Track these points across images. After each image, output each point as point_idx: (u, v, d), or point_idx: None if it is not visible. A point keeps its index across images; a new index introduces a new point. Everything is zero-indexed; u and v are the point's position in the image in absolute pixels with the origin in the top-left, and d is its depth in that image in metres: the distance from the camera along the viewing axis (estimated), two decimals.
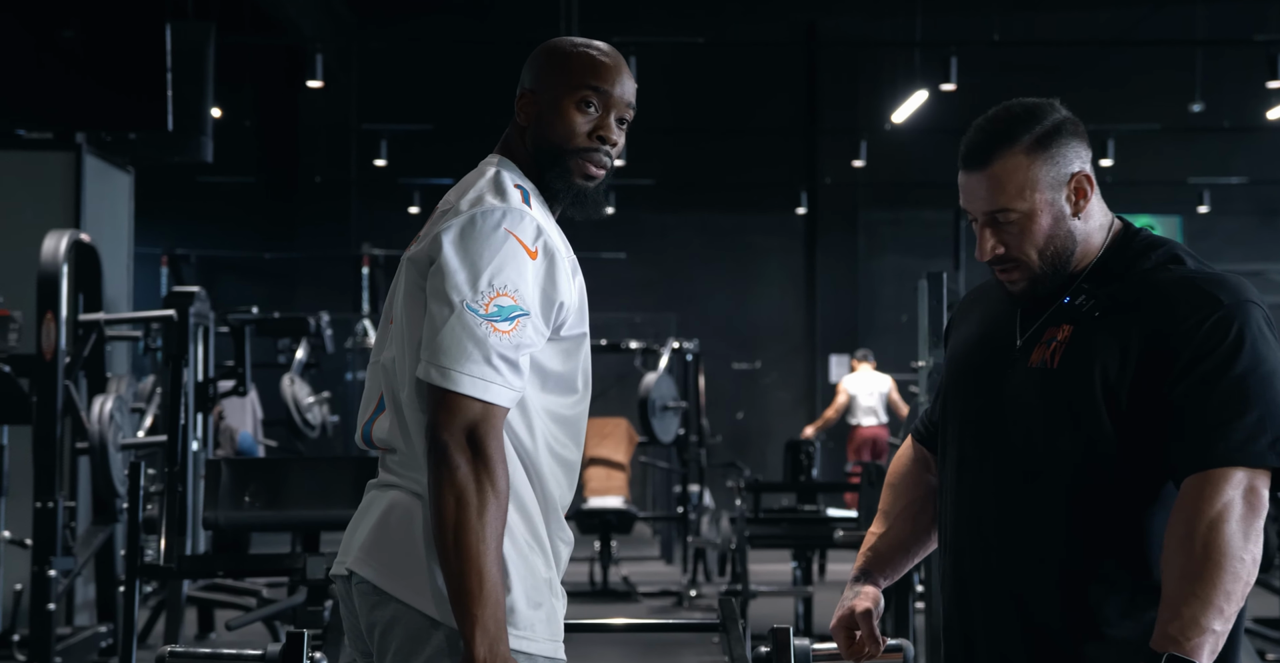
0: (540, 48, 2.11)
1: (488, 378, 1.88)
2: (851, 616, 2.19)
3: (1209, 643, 1.84)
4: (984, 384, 2.06)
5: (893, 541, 2.23)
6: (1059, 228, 2.00)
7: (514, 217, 1.94)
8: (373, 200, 15.42)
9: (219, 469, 4.56)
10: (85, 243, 6.76)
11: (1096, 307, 1.97)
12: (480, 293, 1.89)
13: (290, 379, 9.64)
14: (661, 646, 6.97)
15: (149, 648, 6.88)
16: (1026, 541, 1.99)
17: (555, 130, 2.04)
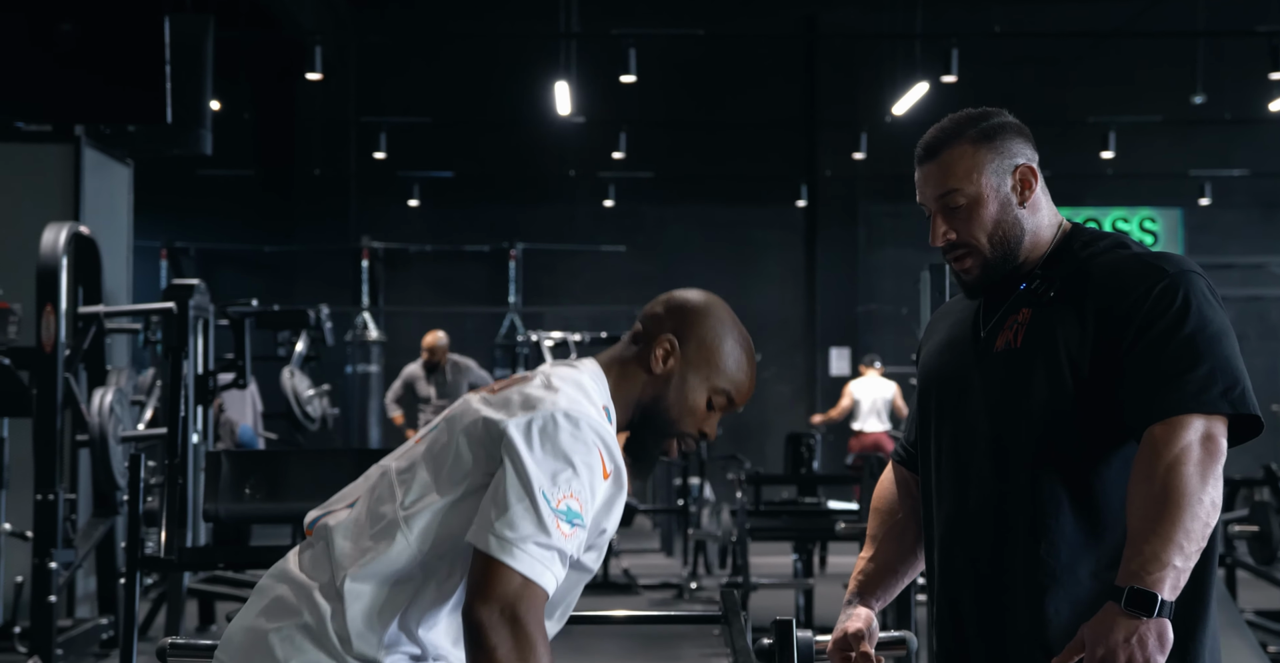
0: (697, 303, 2.14)
1: (545, 562, 1.90)
2: (845, 637, 2.28)
3: (1170, 578, 1.91)
4: (956, 379, 2.18)
5: (881, 564, 2.33)
6: (1006, 214, 2.13)
7: (606, 436, 1.98)
8: (372, 193, 15.41)
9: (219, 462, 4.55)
10: (84, 235, 6.76)
11: (1051, 288, 2.10)
12: (558, 487, 1.91)
13: (290, 372, 9.64)
14: (662, 638, 6.97)
15: (150, 640, 6.88)
16: (1003, 512, 2.09)
17: (679, 406, 2.09)
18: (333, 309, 11.03)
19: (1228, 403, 1.97)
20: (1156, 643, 1.91)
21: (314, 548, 2.04)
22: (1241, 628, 4.13)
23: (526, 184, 15.36)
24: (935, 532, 2.20)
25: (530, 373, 2.07)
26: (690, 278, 15.48)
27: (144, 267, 12.90)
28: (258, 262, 15.16)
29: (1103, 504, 2.04)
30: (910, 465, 2.38)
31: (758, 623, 3.31)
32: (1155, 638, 1.91)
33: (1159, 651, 1.91)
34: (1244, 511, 6.23)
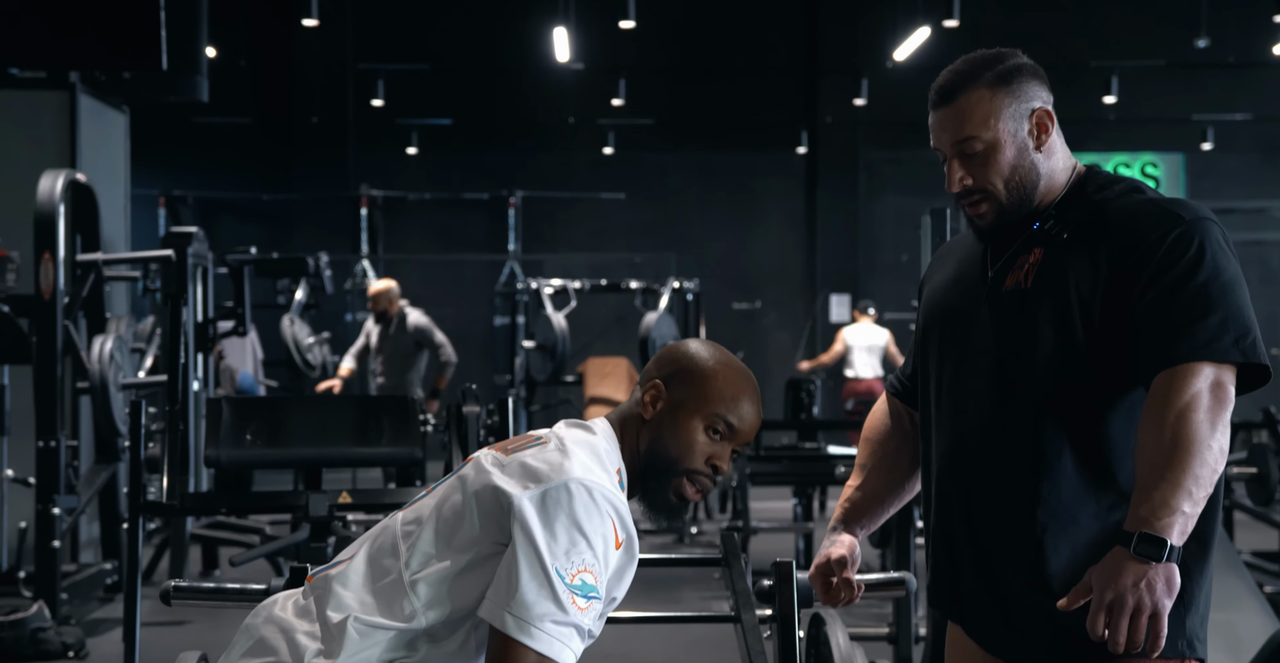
0: (682, 348, 2.12)
1: (564, 640, 1.90)
2: (828, 562, 2.29)
3: (1178, 523, 1.91)
4: (961, 316, 2.17)
5: (868, 492, 2.34)
6: (1022, 159, 2.11)
7: (618, 503, 1.96)
8: (370, 141, 15.33)
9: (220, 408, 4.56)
10: (81, 183, 6.73)
11: (1065, 230, 2.09)
12: (571, 562, 1.90)
13: (290, 320, 9.64)
14: (663, 581, 7.02)
15: (153, 585, 6.93)
16: (1005, 449, 2.08)
17: (678, 442, 2.06)
18: (332, 257, 11.01)
19: (1239, 352, 1.97)
20: (1165, 588, 1.91)
21: (309, 598, 2.04)
22: (1239, 569, 4.16)
23: (526, 132, 15.29)
24: (932, 466, 2.20)
25: (545, 435, 2.04)
26: (691, 225, 15.46)
27: (142, 215, 12.87)
28: (256, 210, 15.12)
29: (1106, 446, 2.03)
30: (904, 398, 2.38)
31: (757, 566, 3.34)
32: (1164, 583, 1.91)
33: (1167, 595, 1.91)
34: (1243, 453, 6.25)
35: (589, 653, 1.98)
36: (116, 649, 4.68)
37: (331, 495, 4.28)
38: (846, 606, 2.28)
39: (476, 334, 14.87)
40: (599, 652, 2.03)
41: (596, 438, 2.04)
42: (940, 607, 2.22)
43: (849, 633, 3.09)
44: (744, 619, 3.04)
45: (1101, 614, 1.91)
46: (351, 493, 4.32)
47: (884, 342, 12.02)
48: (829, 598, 2.29)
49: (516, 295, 11.51)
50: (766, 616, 3.01)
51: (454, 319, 14.91)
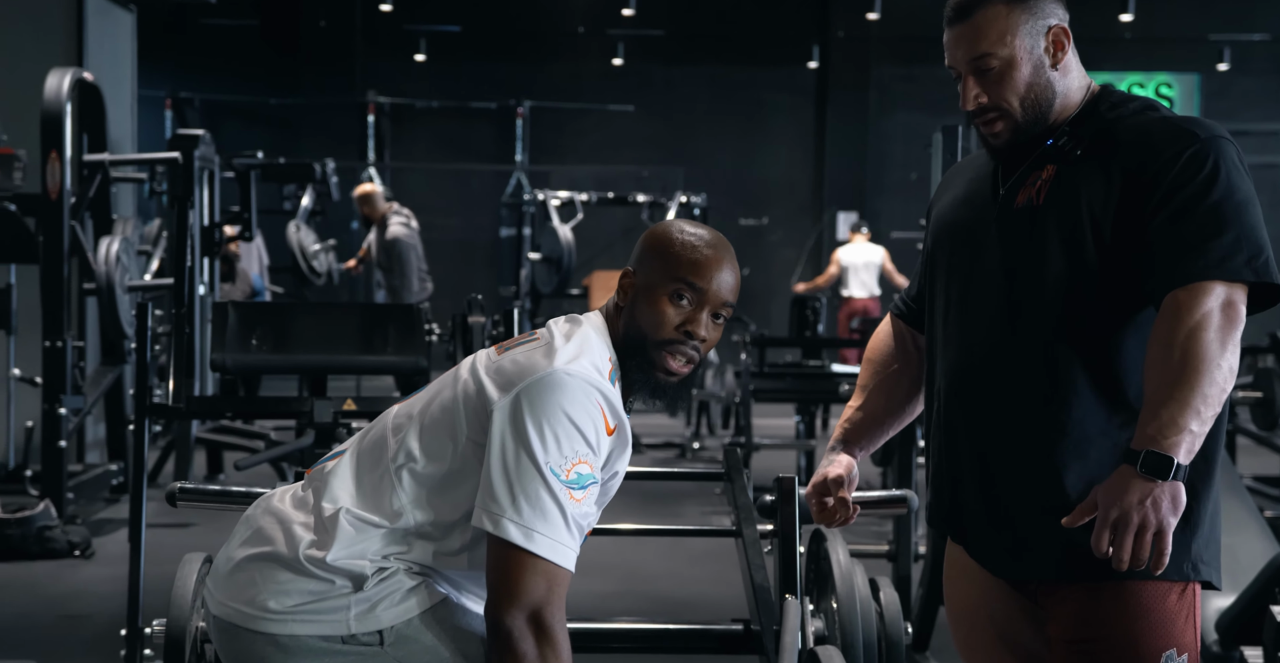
0: (649, 231, 2.12)
1: (566, 543, 1.89)
2: (825, 482, 2.27)
3: (1186, 442, 1.91)
4: (971, 233, 2.16)
5: (869, 413, 2.34)
6: (1038, 77, 2.10)
7: (605, 390, 1.96)
8: (378, 47, 15.18)
9: (226, 313, 4.57)
10: (88, 82, 6.67)
11: (1078, 146, 2.07)
12: (565, 457, 1.89)
13: (296, 226, 9.61)
14: (664, 495, 7.07)
15: (159, 487, 6.98)
16: (1013, 368, 2.07)
17: (645, 318, 2.04)
18: (338, 164, 10.95)
19: (1251, 271, 1.96)
20: (1170, 506, 1.91)
21: (306, 490, 2.05)
22: (1241, 493, 4.18)
23: (535, 41, 15.13)
24: (937, 384, 2.19)
25: (537, 332, 2.04)
26: (698, 139, 15.35)
27: (149, 117, 12.77)
28: (263, 114, 15.01)
29: (1118, 365, 2.02)
30: (908, 320, 2.37)
31: (759, 483, 3.35)
32: (1169, 501, 1.91)
33: (1172, 513, 1.91)
34: (1248, 377, 6.26)
35: (592, 564, 1.99)
36: (122, 549, 4.73)
37: (336, 402, 4.29)
38: (842, 526, 2.28)
39: (482, 245, 14.84)
40: (600, 563, 2.05)
41: (587, 330, 2.04)
42: (941, 527, 2.23)
43: (849, 550, 3.12)
44: (745, 534, 3.07)
45: (1106, 532, 1.92)
46: (356, 400, 4.33)
47: (879, 259, 11.98)
48: (823, 518, 2.29)
49: (523, 207, 11.47)
50: (767, 530, 3.03)
51: (460, 229, 14.89)
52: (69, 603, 5.02)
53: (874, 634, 2.97)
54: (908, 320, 2.37)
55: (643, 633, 3.14)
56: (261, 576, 1.97)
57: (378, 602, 1.95)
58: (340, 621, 1.94)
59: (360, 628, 1.94)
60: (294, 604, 1.94)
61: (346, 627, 1.94)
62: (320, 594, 1.94)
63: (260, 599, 1.95)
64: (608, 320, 2.08)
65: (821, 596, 3.09)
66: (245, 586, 1.98)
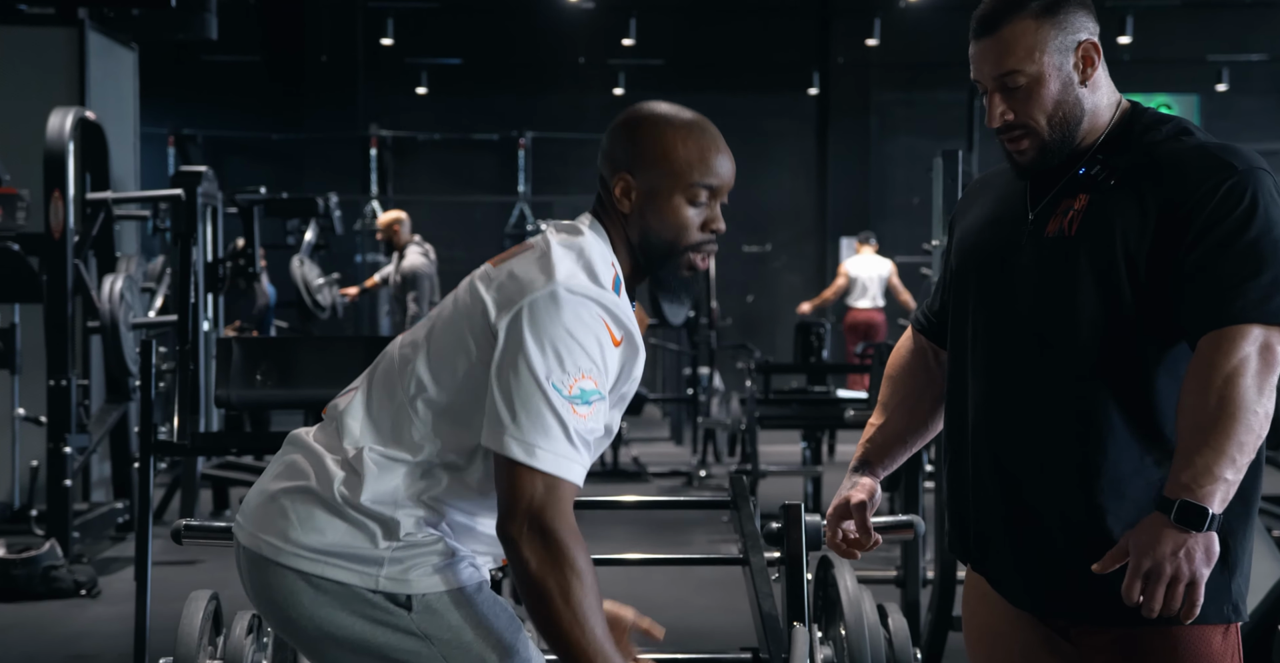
0: (629, 120, 2.05)
1: (569, 457, 1.88)
2: (846, 506, 2.23)
3: (1220, 491, 1.87)
4: (998, 259, 2.09)
5: (890, 432, 2.28)
6: (1067, 94, 2.03)
7: (607, 302, 1.93)
8: (380, 81, 15.24)
9: (230, 348, 4.57)
10: (91, 121, 6.70)
11: (1111, 176, 2.00)
12: (567, 373, 1.88)
13: (300, 260, 9.63)
14: (671, 525, 7.05)
15: (165, 524, 6.97)
16: (1044, 404, 2.01)
17: (668, 227, 2.01)
18: (341, 198, 10.97)
19: None
20: (1204, 557, 1.87)
21: (327, 428, 2.05)
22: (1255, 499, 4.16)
23: (535, 72, 15.19)
24: (965, 415, 2.13)
25: (534, 240, 2.02)
26: None
27: (151, 154, 12.81)
28: (266, 150, 15.06)
29: (1150, 403, 1.97)
30: (930, 335, 2.30)
31: (766, 510, 3.34)
32: (1203, 552, 1.87)
33: (1205, 564, 1.87)
34: None
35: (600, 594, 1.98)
36: (128, 588, 4.72)
37: None
38: (869, 550, 2.23)
39: None
40: (608, 593, 2.03)
41: (585, 238, 2.00)
42: (962, 557, 2.17)
43: (856, 576, 3.11)
44: (752, 562, 3.06)
45: (1138, 582, 1.87)
46: None
47: (887, 273, 11.97)
48: (841, 546, 2.24)
49: (526, 237, 11.49)
50: (775, 558, 3.02)
51: (463, 261, 14.88)
52: (76, 643, 5.01)
53: (883, 661, 2.96)
54: (929, 335, 2.30)
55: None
56: (295, 510, 1.97)
57: (411, 566, 1.94)
58: (371, 575, 1.93)
59: (390, 588, 1.93)
60: (327, 546, 1.94)
61: (376, 583, 1.93)
62: (353, 542, 1.94)
63: (294, 535, 1.95)
64: (608, 226, 2.04)
65: (830, 623, 3.08)
66: (278, 518, 1.97)
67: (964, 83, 10.59)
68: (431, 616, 1.94)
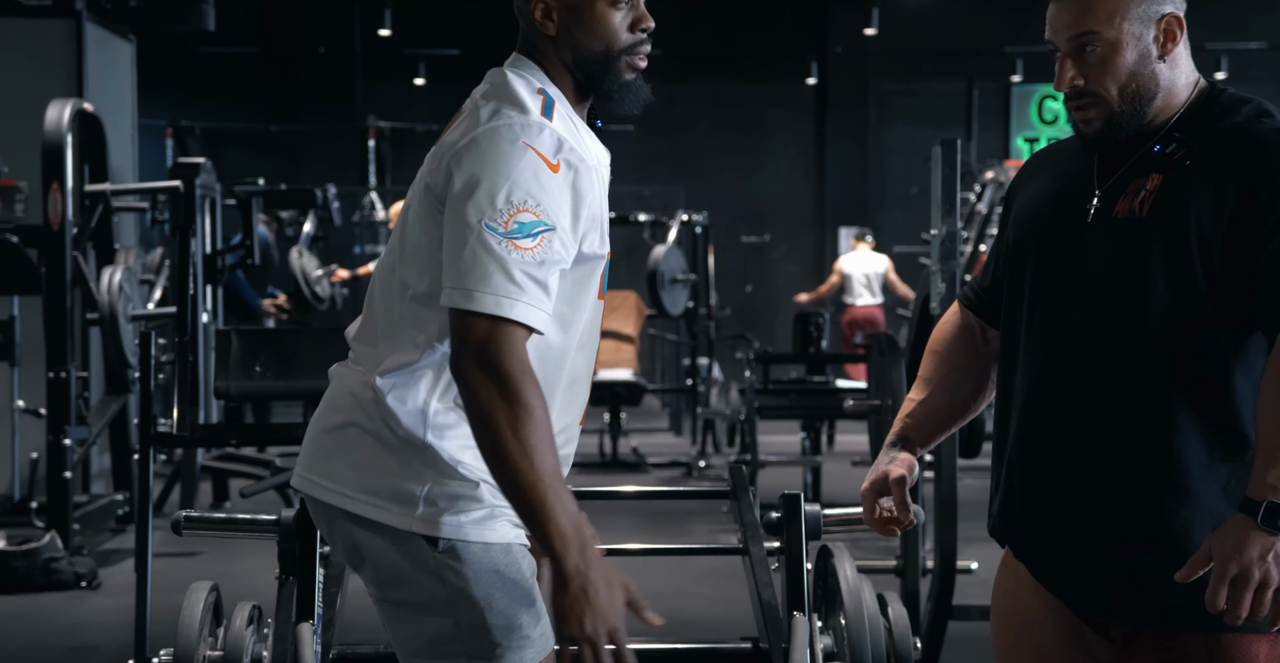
0: None
1: (511, 295, 1.82)
2: (884, 481, 2.14)
3: None
4: (1060, 237, 2.00)
5: (931, 408, 2.19)
6: (1143, 67, 1.95)
7: (533, 129, 1.88)
8: (378, 72, 15.22)
9: (229, 339, 4.57)
10: (89, 112, 6.69)
11: (1188, 155, 1.91)
12: (499, 210, 1.82)
13: (298, 252, 9.62)
14: (671, 515, 7.05)
15: (164, 516, 6.96)
16: (1102, 395, 1.94)
17: (597, 37, 1.98)
18: (340, 189, 10.96)
19: None
20: None
21: (350, 357, 2.07)
22: None
23: None
24: (1016, 396, 2.05)
25: (465, 104, 2.01)
26: (699, 157, 15.36)
27: (149, 146, 12.80)
28: (264, 141, 15.05)
29: (1219, 394, 1.89)
30: (978, 311, 2.20)
31: (765, 500, 3.34)
32: None
33: None
34: None
35: None
36: (128, 580, 4.72)
37: None
38: (905, 529, 2.13)
39: None
40: None
41: (505, 77, 1.98)
42: (1003, 541, 2.10)
43: (856, 565, 3.11)
44: (752, 551, 3.06)
45: (1224, 588, 1.79)
46: None
47: (883, 269, 11.97)
48: (879, 523, 2.14)
49: None
50: (774, 548, 3.02)
51: None
52: (76, 635, 5.01)
53: (883, 650, 2.96)
54: (977, 311, 2.20)
55: (651, 653, 3.12)
56: (337, 446, 1.98)
57: (445, 510, 1.92)
58: (405, 517, 1.93)
59: (421, 529, 1.92)
60: (366, 485, 1.95)
61: (409, 524, 1.93)
62: (392, 478, 1.93)
63: (339, 473, 1.97)
64: (538, 58, 2.00)
65: (829, 612, 3.08)
66: (322, 458, 1.99)
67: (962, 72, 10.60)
68: (453, 561, 1.92)
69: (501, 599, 1.93)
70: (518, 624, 1.94)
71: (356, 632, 4.64)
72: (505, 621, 1.93)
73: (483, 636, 1.92)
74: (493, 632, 1.92)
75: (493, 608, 1.92)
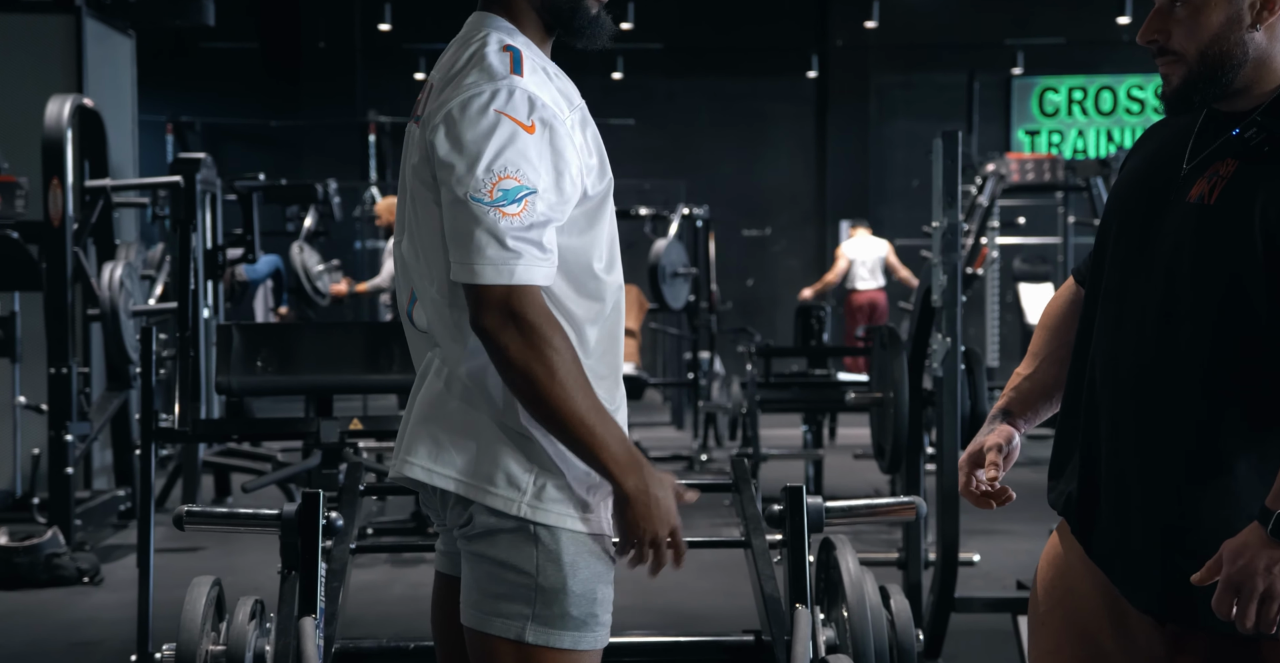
0: None
1: (508, 263, 1.86)
2: (980, 452, 2.10)
3: None
4: (1140, 216, 1.96)
5: (1038, 383, 2.14)
6: (1230, 31, 1.85)
7: (502, 95, 1.88)
8: (378, 67, 15.21)
9: (230, 335, 4.57)
10: (89, 108, 6.69)
11: (1266, 142, 1.83)
12: (481, 180, 1.85)
13: (299, 247, 9.62)
14: None
15: (166, 512, 6.97)
16: (1158, 384, 1.89)
17: None
18: (340, 184, 10.96)
19: None
20: None
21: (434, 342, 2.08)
22: None
23: None
24: (1084, 373, 2.01)
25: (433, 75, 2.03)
26: (700, 151, 15.35)
27: (150, 141, 12.79)
28: (264, 136, 15.04)
29: (1271, 393, 1.83)
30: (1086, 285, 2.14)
31: (767, 493, 3.34)
32: None
33: None
34: None
35: None
36: (131, 575, 4.72)
37: (343, 422, 4.29)
38: (1001, 504, 2.09)
39: None
40: None
41: (468, 39, 2.01)
42: (1062, 513, 2.05)
43: (859, 558, 3.11)
44: (754, 544, 3.06)
45: (1229, 596, 1.77)
46: (362, 420, 4.33)
47: (884, 253, 11.96)
48: (975, 497, 2.08)
49: None
50: (777, 540, 3.02)
51: None
52: (79, 630, 5.01)
53: (885, 643, 2.96)
54: (1085, 286, 2.13)
55: (654, 646, 3.12)
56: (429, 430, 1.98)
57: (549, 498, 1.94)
58: (513, 500, 1.94)
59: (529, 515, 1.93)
60: (465, 466, 1.95)
61: (518, 508, 1.93)
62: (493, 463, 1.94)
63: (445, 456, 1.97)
64: (499, 10, 2.03)
65: (832, 605, 3.08)
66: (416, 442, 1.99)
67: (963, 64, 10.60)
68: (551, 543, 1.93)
69: (586, 569, 1.95)
70: (594, 598, 1.95)
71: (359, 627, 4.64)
72: (585, 590, 1.94)
73: (559, 601, 1.92)
74: (569, 599, 1.93)
75: (577, 576, 1.94)
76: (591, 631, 1.95)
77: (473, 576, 1.97)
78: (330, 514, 2.87)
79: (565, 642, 1.93)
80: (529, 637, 1.92)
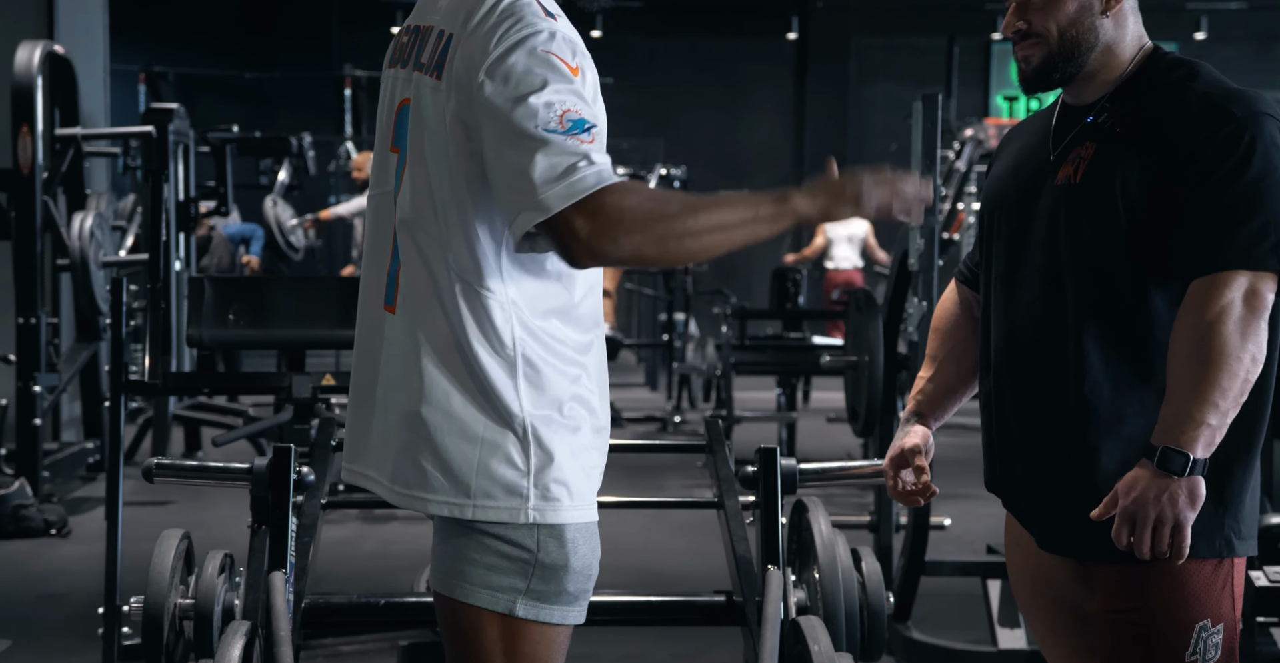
0: None
1: (602, 169, 1.78)
2: (903, 453, 2.26)
3: (1204, 436, 1.93)
4: (1018, 206, 2.15)
5: (940, 383, 2.33)
6: (1083, 17, 2.06)
7: (547, 37, 1.84)
8: (354, 19, 15.06)
9: (202, 287, 4.52)
10: (59, 55, 6.60)
11: (1117, 124, 2.04)
12: (550, 116, 1.79)
13: (273, 201, 9.54)
14: (646, 469, 7.06)
15: (136, 465, 6.94)
16: (1050, 347, 2.08)
17: None
18: (315, 138, 10.87)
19: (1276, 259, 1.94)
20: (1187, 500, 1.93)
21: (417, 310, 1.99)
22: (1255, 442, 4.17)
23: None
24: (989, 358, 2.20)
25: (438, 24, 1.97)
26: (678, 111, 15.29)
27: (122, 91, 12.66)
28: (238, 88, 14.89)
29: (1149, 343, 2.02)
30: (973, 286, 2.35)
31: (741, 455, 3.33)
32: (1185, 496, 1.93)
33: (1189, 508, 1.93)
34: None
35: None
36: (99, 527, 4.69)
37: (315, 377, 4.26)
38: (928, 500, 2.26)
39: None
40: None
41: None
42: (996, 493, 2.25)
43: (831, 520, 3.11)
44: (727, 505, 3.05)
45: (1125, 526, 1.95)
46: (335, 375, 4.30)
47: (863, 233, 11.96)
48: (903, 496, 2.26)
49: None
50: (749, 502, 3.02)
51: None
52: (46, 582, 4.99)
53: (856, 604, 2.96)
54: (972, 286, 2.35)
55: (626, 605, 3.12)
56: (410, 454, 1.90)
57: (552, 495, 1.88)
58: (518, 509, 1.87)
59: (538, 519, 1.87)
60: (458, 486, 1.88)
61: (524, 516, 1.87)
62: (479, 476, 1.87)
63: (433, 481, 1.89)
64: None
65: (803, 566, 3.08)
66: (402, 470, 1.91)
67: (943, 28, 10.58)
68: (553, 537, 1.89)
69: (585, 545, 1.91)
70: (590, 575, 1.92)
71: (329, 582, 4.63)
72: (584, 566, 1.91)
73: (559, 578, 1.89)
74: (569, 575, 1.89)
75: (578, 552, 1.90)
76: (579, 604, 1.93)
77: (457, 544, 1.90)
78: (301, 469, 2.84)
79: (554, 616, 1.90)
80: (519, 611, 1.88)
